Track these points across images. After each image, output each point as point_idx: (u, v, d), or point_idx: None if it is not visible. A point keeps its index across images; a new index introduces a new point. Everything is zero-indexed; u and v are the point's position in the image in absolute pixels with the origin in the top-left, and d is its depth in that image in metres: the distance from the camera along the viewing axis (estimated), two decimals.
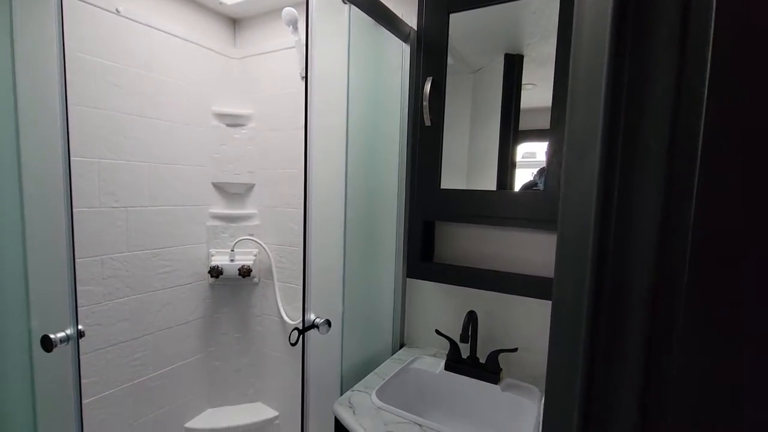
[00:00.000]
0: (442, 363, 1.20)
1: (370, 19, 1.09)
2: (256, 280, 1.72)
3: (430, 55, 1.12)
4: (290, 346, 1.71)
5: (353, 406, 1.00)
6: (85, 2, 1.23)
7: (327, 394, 1.09)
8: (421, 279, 1.21)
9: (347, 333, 1.14)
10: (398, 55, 1.23)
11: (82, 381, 0.93)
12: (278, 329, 1.72)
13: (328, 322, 1.05)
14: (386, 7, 1.12)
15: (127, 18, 1.33)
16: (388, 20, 1.14)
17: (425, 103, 1.10)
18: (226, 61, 1.67)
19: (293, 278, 1.66)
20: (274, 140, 1.65)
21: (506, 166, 1.11)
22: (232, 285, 1.71)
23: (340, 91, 1.07)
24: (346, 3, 1.02)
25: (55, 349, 0.87)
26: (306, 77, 0.94)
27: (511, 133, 1.09)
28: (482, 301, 1.20)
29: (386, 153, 1.24)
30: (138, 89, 1.38)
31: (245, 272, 1.62)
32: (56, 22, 0.90)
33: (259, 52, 1.64)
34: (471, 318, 1.09)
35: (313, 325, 1.05)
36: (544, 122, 0.99)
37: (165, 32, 1.45)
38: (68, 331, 0.90)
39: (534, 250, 1.12)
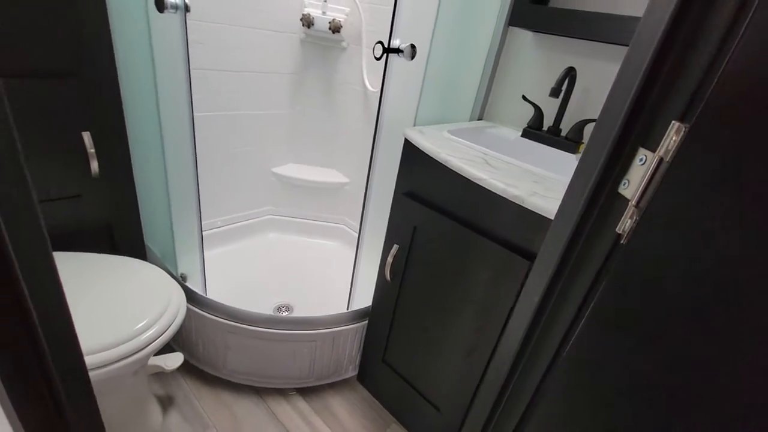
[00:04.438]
0: (520, 132, 1.14)
1: None
2: (344, 44, 1.69)
3: None
4: (369, 120, 1.76)
5: (424, 133, 1.02)
6: None
7: (400, 125, 1.12)
8: (527, 27, 1.06)
9: (429, 74, 1.10)
10: None
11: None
12: (360, 100, 1.75)
13: (413, 47, 1.00)
14: None
15: None
16: None
17: None
18: None
19: None
20: None
21: None
22: (322, 44, 1.70)
23: None
24: None
25: (166, 10, 0.94)
26: None
27: None
28: (589, 67, 1.05)
29: None
30: None
31: (335, 27, 1.58)
32: None
33: None
34: (569, 73, 0.97)
35: (398, 50, 1.01)
36: None
37: None
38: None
39: None
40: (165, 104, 1.13)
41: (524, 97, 1.12)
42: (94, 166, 1.08)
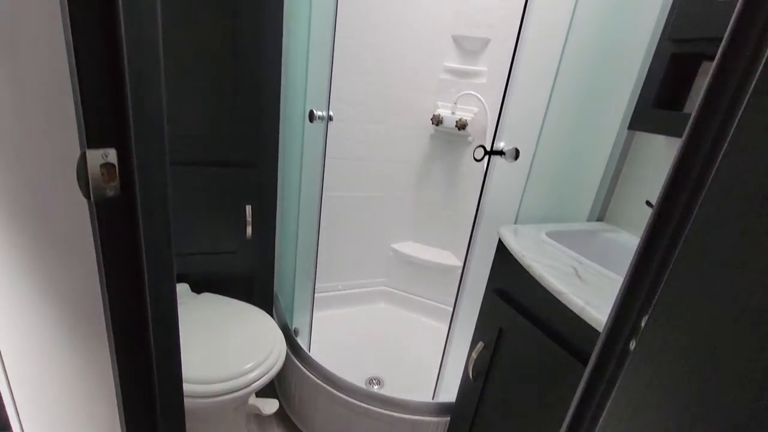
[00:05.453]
0: None
1: None
2: (470, 138, 1.81)
3: None
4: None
5: (517, 232, 1.00)
6: None
7: (501, 221, 1.12)
8: (645, 130, 0.99)
9: (534, 175, 1.10)
10: None
11: (326, 176, 1.27)
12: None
13: (517, 151, 1.03)
14: None
15: None
16: None
17: None
18: None
19: None
20: None
21: None
22: (448, 139, 1.86)
23: None
24: None
25: (315, 120, 1.22)
26: None
27: None
28: None
29: None
30: None
31: (461, 125, 1.72)
32: None
33: None
34: None
35: (501, 152, 1.06)
36: None
37: None
38: (323, 113, 1.23)
39: None
40: (306, 189, 1.40)
41: (648, 203, 1.00)
42: (249, 231, 1.39)
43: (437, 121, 1.76)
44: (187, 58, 1.17)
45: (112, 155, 0.48)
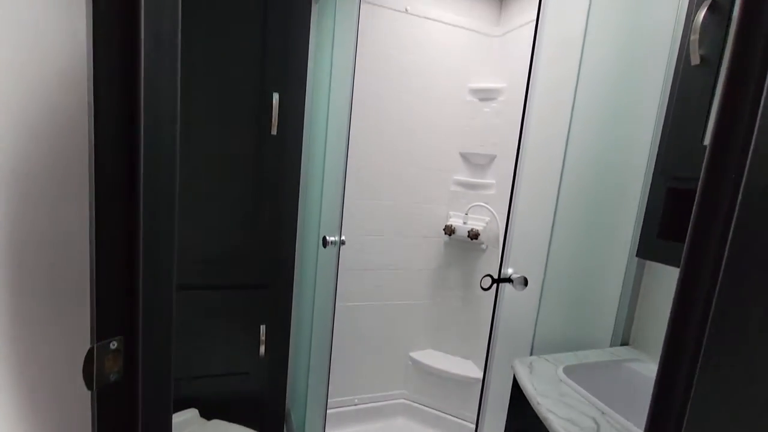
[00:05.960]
0: None
1: None
2: (484, 246, 1.82)
3: None
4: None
5: (532, 369, 0.95)
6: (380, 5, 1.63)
7: (514, 354, 1.08)
8: (653, 260, 0.97)
9: (547, 300, 1.07)
10: None
11: (343, 287, 1.31)
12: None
13: (525, 280, 1.03)
14: None
15: (412, 14, 1.67)
16: None
17: (694, 37, 0.86)
18: (487, 40, 1.80)
19: None
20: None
21: None
22: (462, 246, 1.88)
23: (576, 30, 1.00)
24: None
25: (328, 246, 1.27)
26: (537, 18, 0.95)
27: None
28: None
29: (636, 101, 1.05)
30: (410, 72, 1.71)
31: (473, 235, 1.75)
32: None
33: (520, 24, 1.68)
34: None
35: (509, 279, 1.06)
36: None
37: (437, 21, 1.71)
38: (335, 238, 1.29)
39: None
40: (319, 307, 1.42)
41: None
42: (262, 350, 1.38)
43: (450, 231, 1.80)
44: (212, 190, 1.28)
45: (118, 343, 0.51)
